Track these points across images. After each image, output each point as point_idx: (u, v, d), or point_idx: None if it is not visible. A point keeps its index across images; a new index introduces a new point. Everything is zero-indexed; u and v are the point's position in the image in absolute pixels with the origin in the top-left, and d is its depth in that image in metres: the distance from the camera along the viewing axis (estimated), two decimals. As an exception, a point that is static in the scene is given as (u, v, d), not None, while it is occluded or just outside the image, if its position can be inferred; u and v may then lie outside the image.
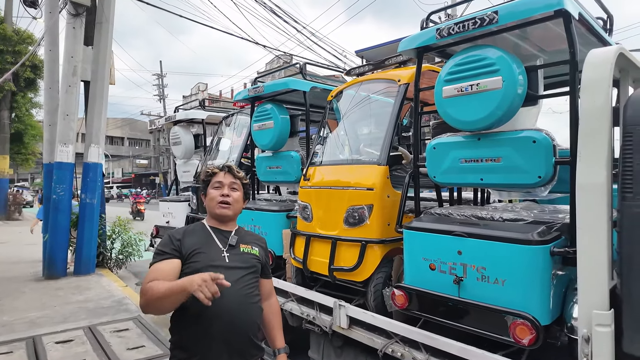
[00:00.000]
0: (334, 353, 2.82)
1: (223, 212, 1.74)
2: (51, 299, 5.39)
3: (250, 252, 1.76)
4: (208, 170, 1.80)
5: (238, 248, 1.73)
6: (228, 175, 1.77)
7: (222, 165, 1.82)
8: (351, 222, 2.71)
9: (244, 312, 1.62)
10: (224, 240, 1.72)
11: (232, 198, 1.75)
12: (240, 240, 1.77)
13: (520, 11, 1.94)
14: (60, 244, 6.68)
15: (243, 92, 4.14)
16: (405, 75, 2.85)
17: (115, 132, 45.85)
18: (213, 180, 1.76)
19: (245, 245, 1.76)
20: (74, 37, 6.72)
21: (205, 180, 1.79)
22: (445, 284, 2.07)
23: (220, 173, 1.77)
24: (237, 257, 1.70)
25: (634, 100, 1.57)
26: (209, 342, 1.56)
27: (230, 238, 1.74)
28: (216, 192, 1.74)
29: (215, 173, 1.78)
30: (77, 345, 3.82)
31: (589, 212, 1.60)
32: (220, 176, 1.77)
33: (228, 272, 1.58)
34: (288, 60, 14.92)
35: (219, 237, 1.73)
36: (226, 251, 1.69)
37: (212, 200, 1.74)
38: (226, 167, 1.79)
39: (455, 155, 2.20)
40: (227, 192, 1.74)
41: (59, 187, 6.66)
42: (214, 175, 1.77)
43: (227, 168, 1.79)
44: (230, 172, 1.78)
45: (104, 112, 7.22)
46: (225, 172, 1.77)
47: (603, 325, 1.52)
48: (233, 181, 1.77)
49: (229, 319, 1.58)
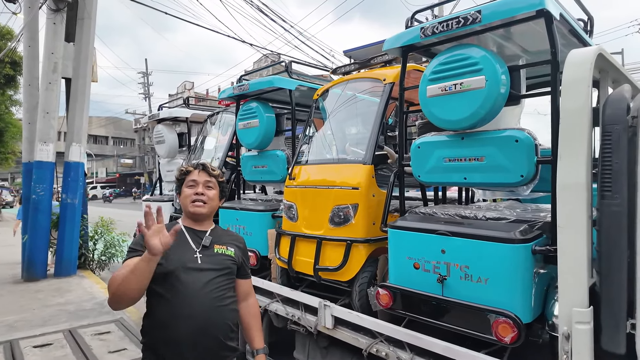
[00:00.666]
0: (320, 353, 2.80)
1: (197, 210, 1.70)
2: (30, 301, 5.25)
3: (225, 253, 1.72)
4: (182, 169, 1.78)
5: (212, 249, 1.70)
6: (202, 173, 1.74)
7: (196, 163, 1.79)
8: (336, 222, 2.70)
9: (214, 315, 1.60)
10: (197, 240, 1.69)
11: (206, 196, 1.72)
12: (215, 240, 1.73)
13: (503, 11, 1.95)
14: (40, 245, 6.52)
15: (228, 90, 4.09)
16: (391, 74, 2.85)
17: (99, 131, 45.02)
18: (187, 179, 1.74)
19: (220, 246, 1.73)
20: (54, 33, 6.56)
21: (180, 179, 1.77)
22: (429, 283, 2.07)
23: (195, 171, 1.74)
24: (210, 259, 1.67)
25: (613, 100, 1.59)
26: (178, 345, 1.54)
27: (204, 239, 1.70)
28: (190, 190, 1.71)
29: (189, 171, 1.75)
30: (56, 349, 3.72)
31: (570, 211, 1.62)
32: (194, 174, 1.74)
33: (199, 273, 1.59)
34: (276, 59, 14.87)
35: (192, 237, 1.70)
36: (199, 252, 1.66)
37: (186, 198, 1.71)
38: (200, 165, 1.76)
39: (439, 154, 2.20)
40: (201, 191, 1.71)
41: (38, 187, 6.50)
42: (188, 174, 1.75)
43: (202, 166, 1.76)
44: (205, 170, 1.75)
45: (85, 110, 7.07)
46: (200, 170, 1.74)
47: (583, 322, 1.54)
48: (208, 179, 1.74)
49: (198, 321, 1.56)
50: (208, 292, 1.60)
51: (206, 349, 1.58)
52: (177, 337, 1.54)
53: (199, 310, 1.56)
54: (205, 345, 1.58)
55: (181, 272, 1.57)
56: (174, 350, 1.54)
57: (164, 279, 1.55)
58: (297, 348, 2.98)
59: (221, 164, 4.36)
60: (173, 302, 1.55)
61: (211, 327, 1.59)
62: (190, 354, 1.55)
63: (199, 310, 1.56)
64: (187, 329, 1.54)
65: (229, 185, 4.29)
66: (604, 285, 1.54)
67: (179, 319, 1.53)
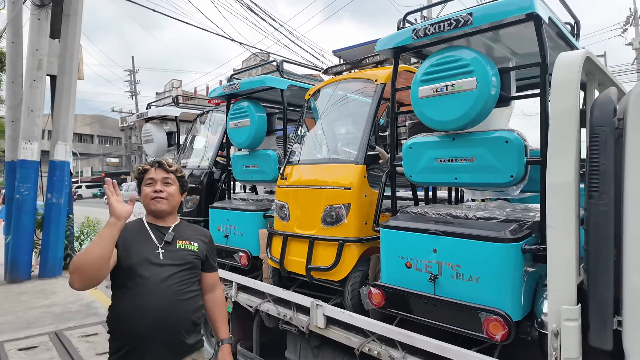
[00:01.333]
0: (311, 353, 2.80)
1: (158, 207, 1.74)
2: (13, 304, 5.14)
3: (188, 249, 1.77)
4: (139, 168, 1.80)
5: (174, 244, 1.75)
6: (159, 170, 1.77)
7: (152, 161, 1.82)
8: (329, 222, 2.71)
9: (174, 309, 1.66)
10: (160, 236, 1.74)
11: (166, 193, 1.76)
12: (178, 236, 1.78)
13: (494, 13, 1.98)
14: (23, 246, 6.39)
15: (218, 89, 4.06)
16: (382, 75, 2.87)
17: (84, 130, 44.16)
18: (145, 178, 1.77)
19: (183, 242, 1.77)
20: (39, 29, 6.43)
21: (138, 178, 1.80)
22: (421, 282, 2.09)
23: (151, 169, 1.77)
24: (172, 254, 1.72)
25: (600, 102, 1.62)
26: (138, 338, 1.60)
27: (167, 234, 1.75)
28: (149, 188, 1.75)
29: (146, 170, 1.78)
30: (41, 352, 3.65)
31: (558, 211, 1.65)
32: (151, 172, 1.77)
33: (160, 268, 1.65)
34: (265, 58, 14.80)
35: (155, 233, 1.74)
36: (161, 247, 1.71)
37: (146, 197, 1.75)
38: (156, 162, 1.79)
39: (430, 154, 2.22)
40: (159, 188, 1.75)
41: (22, 187, 6.36)
42: (145, 172, 1.78)
43: (158, 163, 1.79)
44: (162, 167, 1.78)
45: (71, 108, 6.94)
46: (156, 168, 1.77)
47: (571, 320, 1.57)
48: (165, 176, 1.77)
49: (158, 315, 1.61)
50: (168, 287, 1.65)
51: (166, 342, 1.64)
52: (137, 328, 1.60)
53: (158, 303, 1.62)
54: (166, 338, 1.64)
55: (143, 267, 1.63)
56: (134, 341, 1.60)
57: (126, 272, 1.62)
58: (289, 348, 2.98)
59: (211, 164, 4.33)
60: (134, 295, 1.62)
61: (171, 321, 1.64)
62: (149, 346, 1.61)
63: (158, 303, 1.62)
64: (147, 321, 1.60)
65: (219, 184, 4.26)
66: (591, 283, 1.57)
67: (140, 311, 1.60)
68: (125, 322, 1.61)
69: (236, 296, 3.31)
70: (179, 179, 1.82)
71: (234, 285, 3.35)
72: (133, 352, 1.61)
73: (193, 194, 4.19)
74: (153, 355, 1.61)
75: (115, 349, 1.65)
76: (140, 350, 1.60)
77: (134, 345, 1.60)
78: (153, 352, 1.61)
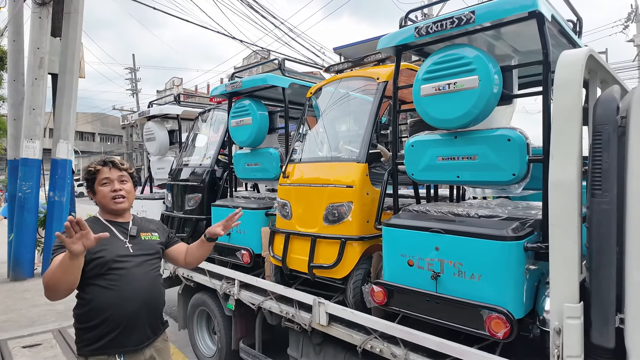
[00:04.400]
0: (313, 350, 2.82)
1: (120, 206, 1.79)
2: (17, 301, 5.16)
3: (152, 239, 1.88)
4: (91, 169, 1.81)
5: (139, 237, 1.84)
6: (114, 170, 1.80)
7: (104, 160, 1.83)
8: (331, 220, 2.71)
9: (154, 292, 1.80)
10: (123, 232, 1.81)
11: (124, 191, 1.80)
12: (140, 229, 1.87)
13: (496, 11, 1.97)
14: (26, 244, 6.41)
15: (220, 87, 4.06)
16: (384, 73, 2.86)
17: (85, 128, 44.21)
18: (99, 178, 1.78)
19: (146, 233, 1.87)
20: (40, 28, 6.43)
21: (90, 179, 1.80)
22: (423, 280, 2.09)
23: (104, 169, 1.79)
24: (140, 246, 1.81)
25: (603, 100, 1.62)
26: (127, 322, 1.69)
27: (130, 229, 1.82)
28: (106, 188, 1.77)
29: (98, 170, 1.79)
30: (45, 349, 3.67)
31: (561, 209, 1.65)
32: (105, 172, 1.78)
33: (134, 259, 1.74)
34: (266, 56, 14.77)
35: (118, 229, 1.80)
36: (128, 242, 1.78)
37: (105, 197, 1.77)
38: (109, 162, 1.81)
39: (432, 153, 2.22)
40: (118, 187, 1.78)
41: (25, 185, 6.38)
42: (97, 172, 1.79)
43: (111, 163, 1.81)
44: (115, 167, 1.80)
45: (73, 106, 6.94)
46: (110, 167, 1.79)
47: (573, 317, 1.58)
48: (120, 174, 1.80)
49: (143, 298, 1.73)
50: (145, 273, 1.77)
51: (150, 322, 1.77)
52: (125, 313, 1.68)
53: (142, 288, 1.73)
54: (149, 318, 1.76)
55: (117, 262, 1.69)
56: (122, 325, 1.68)
57: (99, 270, 1.67)
58: (291, 345, 2.99)
59: (213, 162, 4.33)
60: (116, 286, 1.68)
61: (153, 302, 1.78)
62: (136, 326, 1.71)
63: (142, 288, 1.73)
64: (134, 305, 1.69)
65: (221, 183, 4.27)
66: (593, 281, 1.58)
67: (126, 298, 1.68)
68: (112, 310, 1.66)
69: (239, 294, 3.32)
70: (132, 175, 1.87)
71: (236, 283, 3.36)
72: (120, 336, 1.68)
73: (195, 192, 4.20)
74: (139, 334, 1.73)
75: (97, 337, 1.68)
76: (129, 332, 1.70)
77: (122, 330, 1.68)
78: (139, 332, 1.73)
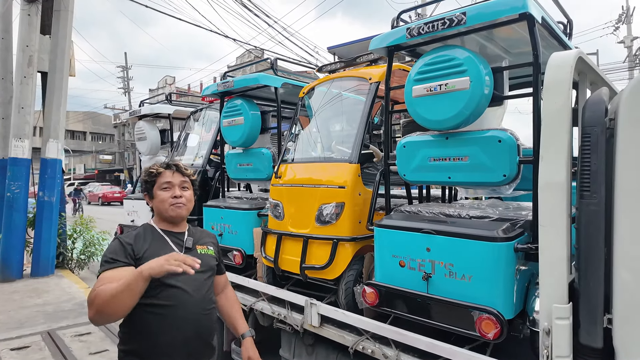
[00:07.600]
0: (305, 351, 2.81)
1: (178, 212, 1.63)
2: (5, 303, 5.09)
3: (207, 253, 1.70)
4: (152, 170, 1.66)
5: (195, 250, 1.66)
6: (177, 174, 1.66)
7: (167, 163, 1.69)
8: (323, 220, 2.71)
9: (205, 319, 1.60)
10: (178, 243, 1.64)
11: (185, 198, 1.65)
12: (196, 241, 1.70)
13: (487, 13, 1.98)
14: (15, 245, 6.32)
15: (212, 86, 4.03)
16: (377, 73, 2.86)
17: (76, 126, 43.71)
18: (160, 181, 1.64)
19: (202, 247, 1.70)
20: (29, 25, 6.34)
21: (150, 181, 1.65)
22: (414, 281, 2.10)
23: (167, 172, 1.65)
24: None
25: (592, 102, 1.63)
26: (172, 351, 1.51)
27: (185, 240, 1.65)
28: (167, 193, 1.62)
29: (160, 172, 1.65)
30: (34, 352, 3.62)
31: (550, 210, 1.66)
32: (167, 176, 1.64)
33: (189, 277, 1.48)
34: (259, 55, 14.72)
35: (173, 240, 1.63)
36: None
37: (164, 202, 1.62)
38: (174, 165, 1.68)
39: (424, 153, 2.23)
40: (179, 193, 1.63)
41: (13, 185, 6.29)
42: (159, 175, 1.64)
43: (175, 167, 1.67)
44: (179, 171, 1.67)
45: (63, 105, 6.86)
46: (174, 171, 1.66)
47: (562, 318, 1.59)
48: (183, 180, 1.67)
49: (194, 327, 1.54)
50: (202, 296, 1.59)
51: (197, 352, 1.59)
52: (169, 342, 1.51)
53: (194, 314, 1.54)
54: (198, 348, 1.58)
55: (173, 279, 1.49)
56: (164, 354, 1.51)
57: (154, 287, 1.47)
58: (283, 346, 2.98)
59: (205, 162, 4.31)
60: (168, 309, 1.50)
61: (204, 331, 1.59)
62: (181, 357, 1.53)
63: (194, 314, 1.54)
64: (183, 334, 1.52)
65: (213, 183, 4.24)
66: (582, 282, 1.59)
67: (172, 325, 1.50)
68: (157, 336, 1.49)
69: (230, 295, 3.30)
70: (193, 183, 1.73)
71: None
72: None
73: (187, 192, 4.16)
74: None
75: None
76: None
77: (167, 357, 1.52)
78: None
